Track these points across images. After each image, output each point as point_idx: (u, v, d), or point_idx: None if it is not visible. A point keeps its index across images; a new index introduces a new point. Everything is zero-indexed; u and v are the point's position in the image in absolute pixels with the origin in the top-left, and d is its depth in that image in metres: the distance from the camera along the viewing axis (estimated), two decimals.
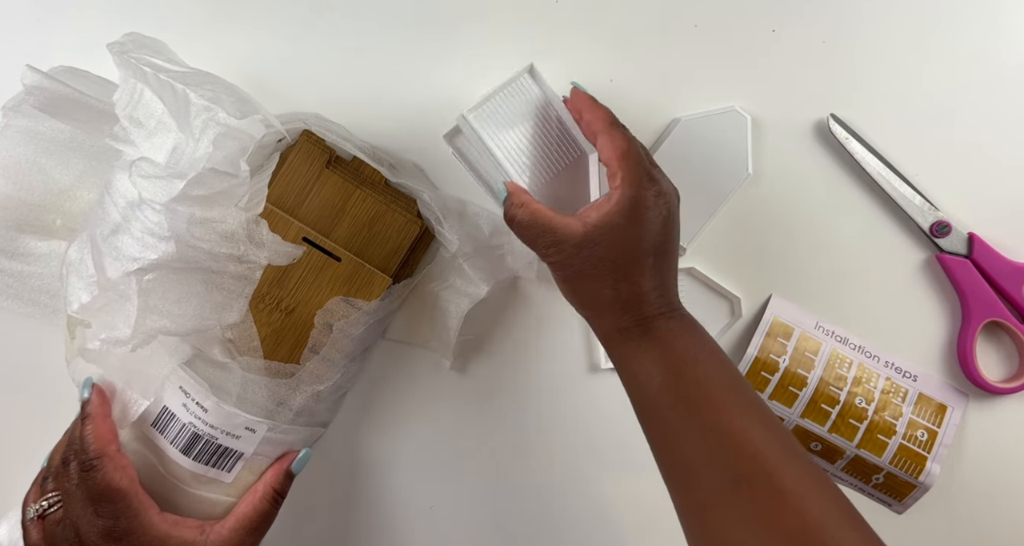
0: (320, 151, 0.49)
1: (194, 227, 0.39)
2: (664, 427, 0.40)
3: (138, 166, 0.38)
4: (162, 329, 0.39)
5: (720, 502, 0.37)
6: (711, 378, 0.40)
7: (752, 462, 0.37)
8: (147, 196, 0.38)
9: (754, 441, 0.37)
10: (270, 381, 0.45)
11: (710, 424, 0.38)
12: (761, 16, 0.53)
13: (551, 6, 0.53)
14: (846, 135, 0.52)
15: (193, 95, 0.39)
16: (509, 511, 0.55)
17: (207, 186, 0.38)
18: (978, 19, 0.53)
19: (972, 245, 0.53)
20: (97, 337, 0.39)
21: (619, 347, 0.42)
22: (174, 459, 0.43)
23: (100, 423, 0.41)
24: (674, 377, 0.40)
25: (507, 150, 0.45)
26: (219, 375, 0.43)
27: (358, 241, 0.49)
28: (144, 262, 0.38)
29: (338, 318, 0.47)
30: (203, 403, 0.43)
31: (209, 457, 0.43)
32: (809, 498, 0.35)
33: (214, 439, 0.43)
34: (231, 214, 0.41)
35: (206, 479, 0.44)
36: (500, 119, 0.45)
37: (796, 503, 0.35)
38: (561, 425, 0.55)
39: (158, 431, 0.43)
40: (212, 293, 0.41)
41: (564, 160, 0.47)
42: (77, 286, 0.41)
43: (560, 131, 0.46)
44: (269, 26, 0.52)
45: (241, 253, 0.42)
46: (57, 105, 0.42)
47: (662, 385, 0.40)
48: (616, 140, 0.42)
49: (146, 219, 0.38)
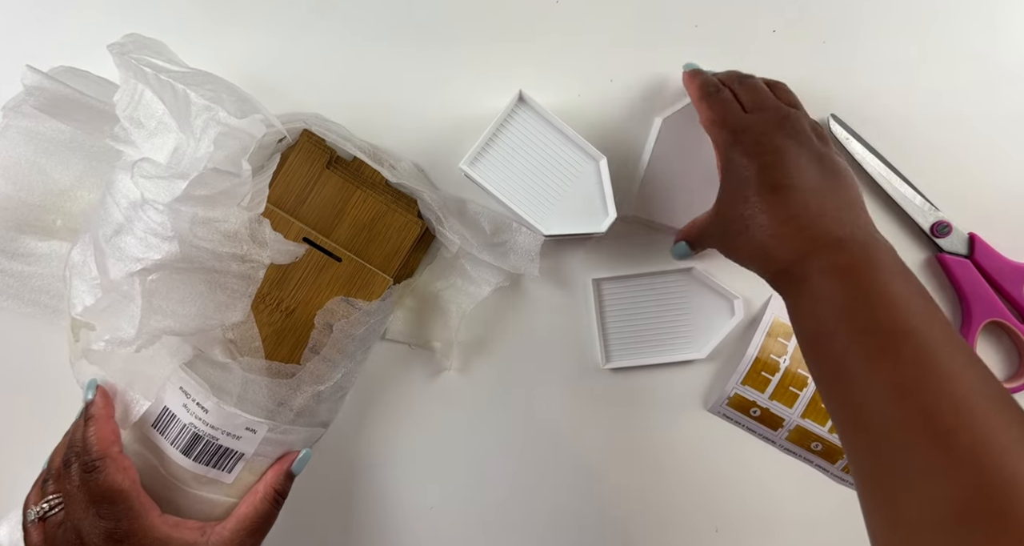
0: (320, 151, 0.49)
1: (197, 227, 0.39)
2: (840, 372, 0.35)
3: (140, 167, 0.38)
4: (166, 329, 0.39)
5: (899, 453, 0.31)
6: (905, 300, 0.35)
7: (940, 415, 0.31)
8: (150, 196, 0.38)
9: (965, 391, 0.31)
10: (271, 381, 0.45)
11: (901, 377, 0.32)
12: (762, 16, 0.53)
13: (551, 6, 0.53)
14: (847, 135, 0.52)
15: (193, 95, 0.39)
16: (510, 511, 0.55)
17: (209, 186, 0.38)
18: (977, 19, 0.53)
19: (972, 245, 0.53)
20: (101, 338, 0.39)
21: (788, 284, 0.39)
22: (175, 460, 0.43)
23: (103, 424, 0.41)
24: (863, 296, 0.35)
25: (512, 187, 0.49)
26: (220, 376, 0.43)
27: (359, 241, 0.49)
28: (147, 262, 0.38)
29: (338, 318, 0.47)
30: (204, 404, 0.43)
31: (210, 458, 0.43)
32: (1004, 450, 0.30)
33: (215, 440, 0.43)
34: (234, 213, 0.41)
35: (206, 480, 0.44)
36: (500, 157, 0.49)
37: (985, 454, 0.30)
38: (563, 425, 0.54)
39: (159, 432, 0.43)
40: (215, 293, 0.41)
41: (575, 171, 0.49)
42: (80, 288, 0.41)
43: (564, 146, 0.49)
44: (268, 27, 0.52)
45: (244, 252, 0.42)
46: (57, 105, 0.42)
47: (844, 307, 0.35)
48: (702, 112, 0.45)
49: (149, 219, 0.38)
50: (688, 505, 0.54)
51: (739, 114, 0.43)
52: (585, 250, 0.54)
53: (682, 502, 0.54)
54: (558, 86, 0.53)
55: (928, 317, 0.34)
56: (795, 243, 0.39)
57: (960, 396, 0.31)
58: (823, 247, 0.38)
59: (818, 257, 0.38)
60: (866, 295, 0.35)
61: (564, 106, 0.53)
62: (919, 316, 0.34)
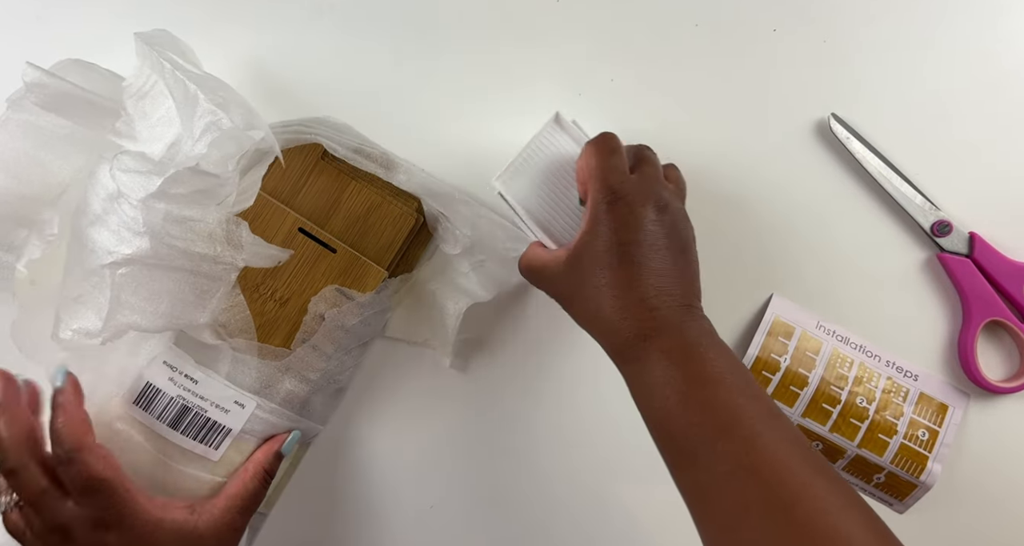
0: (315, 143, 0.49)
1: (170, 224, 0.39)
2: (684, 449, 0.38)
3: (119, 160, 0.38)
4: (132, 325, 0.39)
5: (747, 526, 0.35)
6: (731, 392, 0.38)
7: (781, 488, 0.35)
8: (125, 190, 0.38)
9: (786, 466, 0.35)
10: (260, 362, 0.45)
11: (739, 454, 0.36)
12: (762, 15, 0.53)
13: (552, 6, 0.53)
14: (847, 135, 0.52)
15: (203, 97, 0.39)
16: (510, 511, 0.55)
17: (186, 184, 0.39)
18: (979, 18, 0.53)
19: (973, 244, 0.53)
20: (69, 327, 0.39)
21: (629, 362, 0.41)
22: (161, 434, 0.43)
23: (73, 414, 0.40)
24: (695, 392, 0.38)
25: (539, 207, 0.46)
26: (208, 354, 0.44)
27: (353, 232, 0.49)
28: (118, 256, 0.38)
29: (331, 307, 0.47)
30: (193, 375, 0.43)
31: (198, 431, 0.44)
32: (838, 515, 0.34)
33: (203, 411, 0.44)
34: (210, 214, 0.41)
35: (193, 456, 0.44)
36: (530, 176, 0.46)
37: (823, 520, 0.34)
38: (564, 425, 0.54)
39: (141, 408, 0.43)
40: (184, 291, 0.41)
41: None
42: (34, 242, 0.41)
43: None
44: (271, 26, 0.52)
45: (216, 253, 0.42)
46: (58, 101, 0.42)
47: (680, 402, 0.38)
48: (586, 159, 0.43)
49: (123, 213, 0.38)
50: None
51: (624, 173, 0.43)
52: None
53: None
54: (558, 86, 0.54)
55: (752, 394, 0.38)
56: (638, 323, 0.40)
57: (794, 469, 0.35)
58: (664, 330, 0.39)
59: (659, 339, 0.39)
60: (702, 376, 0.38)
61: (564, 106, 0.53)
62: (745, 393, 0.38)
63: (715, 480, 0.36)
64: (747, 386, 0.38)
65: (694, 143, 0.53)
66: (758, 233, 0.54)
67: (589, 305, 0.42)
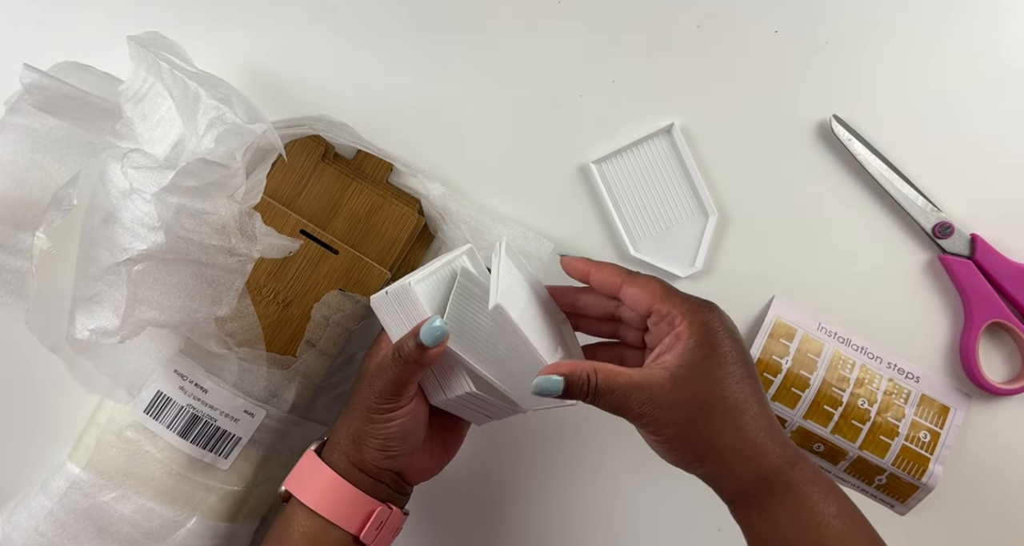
0: (317, 144, 0.49)
1: (184, 218, 0.39)
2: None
3: (130, 157, 0.38)
4: (151, 320, 0.39)
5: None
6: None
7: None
8: (137, 186, 0.38)
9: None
10: (267, 371, 0.45)
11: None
12: (764, 17, 0.53)
13: (553, 6, 0.53)
14: (848, 136, 0.52)
15: (204, 94, 0.39)
16: (510, 511, 0.54)
17: (198, 177, 0.38)
18: (981, 19, 0.53)
19: (975, 246, 0.53)
20: (86, 327, 0.39)
21: (756, 506, 0.37)
22: (171, 443, 0.43)
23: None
24: (859, 523, 0.37)
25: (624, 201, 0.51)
26: (216, 363, 0.44)
27: (355, 234, 0.49)
28: (134, 252, 0.38)
29: (335, 311, 0.47)
30: (202, 384, 0.43)
31: (207, 440, 0.44)
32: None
33: (213, 421, 0.44)
34: (223, 206, 0.41)
35: (203, 465, 0.44)
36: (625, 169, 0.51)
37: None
38: (565, 425, 0.54)
39: (152, 417, 0.43)
40: (202, 285, 0.41)
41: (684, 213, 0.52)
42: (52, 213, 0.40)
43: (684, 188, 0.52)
44: (271, 28, 0.52)
45: (232, 246, 0.42)
46: (56, 103, 0.42)
47: (852, 527, 0.36)
48: (647, 283, 0.39)
49: (136, 209, 0.38)
50: (691, 504, 0.53)
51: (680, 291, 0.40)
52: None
53: (685, 501, 0.53)
54: (559, 85, 0.53)
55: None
56: (783, 446, 0.36)
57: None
58: (800, 455, 0.37)
59: (802, 467, 0.37)
60: (848, 506, 0.37)
61: (564, 105, 0.53)
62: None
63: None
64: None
65: (695, 145, 0.53)
66: (760, 234, 0.54)
67: (706, 432, 0.36)
